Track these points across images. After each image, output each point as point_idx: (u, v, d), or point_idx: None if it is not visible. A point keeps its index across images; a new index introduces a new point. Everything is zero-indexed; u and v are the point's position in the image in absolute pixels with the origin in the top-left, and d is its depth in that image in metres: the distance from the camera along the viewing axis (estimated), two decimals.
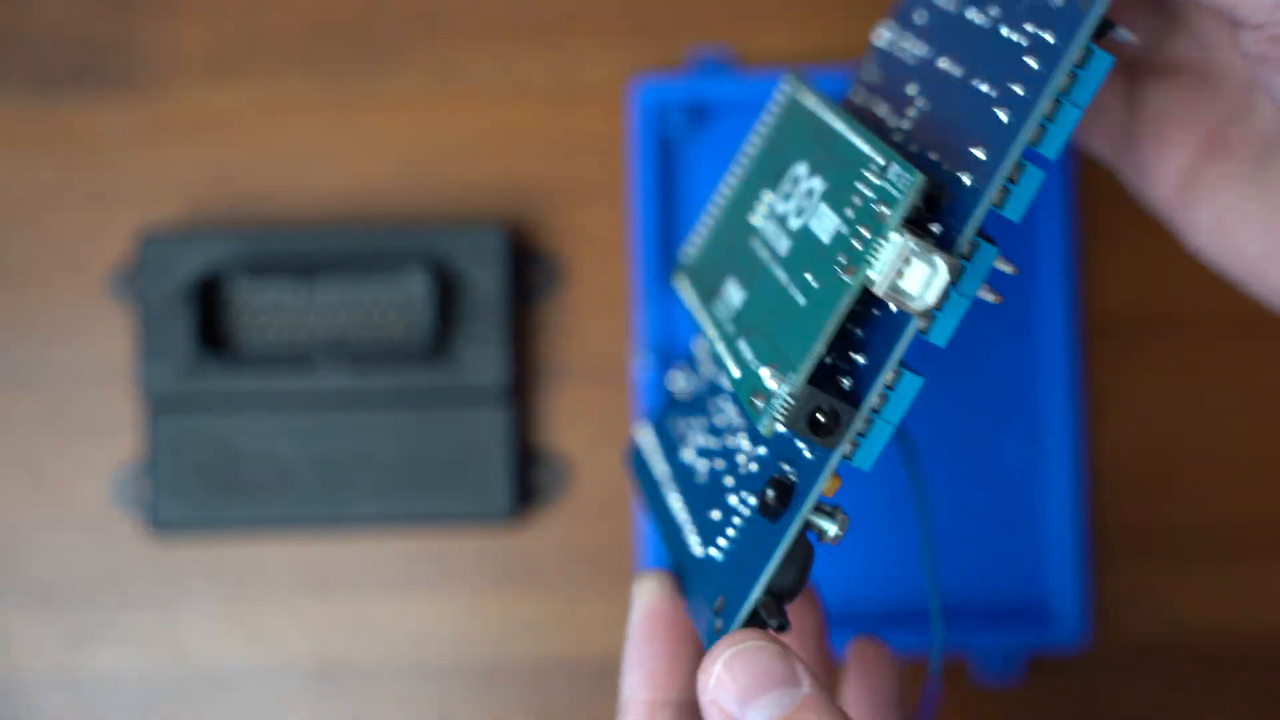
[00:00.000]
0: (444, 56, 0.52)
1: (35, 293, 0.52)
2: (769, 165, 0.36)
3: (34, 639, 0.51)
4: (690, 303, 0.37)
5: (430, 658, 0.51)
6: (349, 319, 0.50)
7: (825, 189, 0.32)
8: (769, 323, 0.32)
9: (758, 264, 0.33)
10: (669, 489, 0.38)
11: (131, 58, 0.52)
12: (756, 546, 0.32)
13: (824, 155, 0.33)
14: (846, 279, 0.30)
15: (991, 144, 0.30)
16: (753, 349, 0.32)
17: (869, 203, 0.31)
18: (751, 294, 0.33)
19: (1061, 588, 0.50)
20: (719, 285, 0.35)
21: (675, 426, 0.40)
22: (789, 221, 0.33)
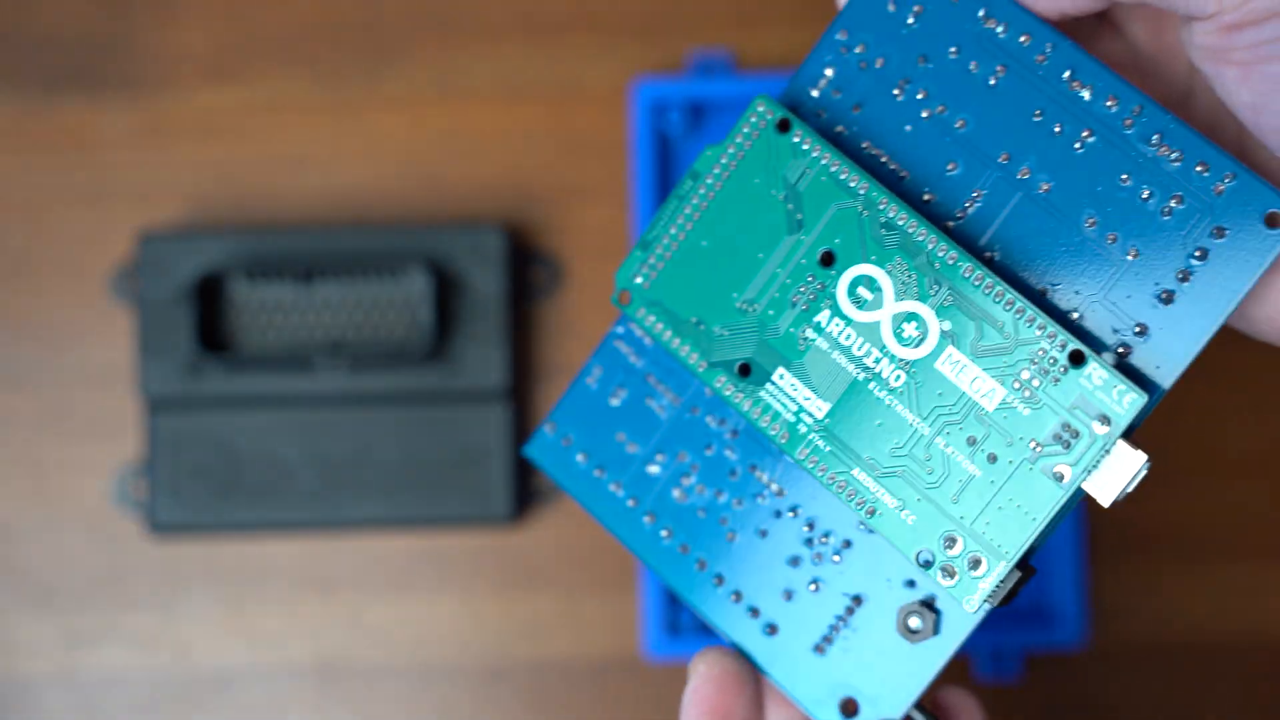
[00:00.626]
0: (445, 57, 0.52)
1: (35, 293, 0.52)
2: (789, 228, 0.33)
3: (35, 639, 0.51)
4: (683, 358, 0.33)
5: (430, 658, 0.51)
6: (349, 319, 0.50)
7: (965, 343, 0.31)
8: (916, 472, 0.31)
9: (836, 372, 0.32)
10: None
11: (131, 58, 0.52)
12: (882, 649, 0.33)
13: (952, 299, 0.31)
14: (1062, 485, 0.30)
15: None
16: (898, 498, 0.31)
17: (1062, 400, 0.30)
18: (845, 413, 0.32)
19: (1061, 588, 0.50)
20: (758, 367, 0.32)
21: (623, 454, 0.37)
22: (886, 344, 0.32)
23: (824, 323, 0.32)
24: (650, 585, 0.50)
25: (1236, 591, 0.51)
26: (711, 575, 0.35)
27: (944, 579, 0.31)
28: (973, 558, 0.31)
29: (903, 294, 0.32)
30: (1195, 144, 0.31)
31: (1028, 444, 0.31)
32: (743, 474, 0.35)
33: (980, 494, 0.31)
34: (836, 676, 0.34)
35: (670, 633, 0.50)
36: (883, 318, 0.32)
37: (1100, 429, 0.30)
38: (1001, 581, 0.31)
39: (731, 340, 0.33)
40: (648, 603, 0.50)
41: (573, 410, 0.36)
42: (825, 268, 0.32)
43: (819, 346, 0.32)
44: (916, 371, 0.31)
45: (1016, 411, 0.31)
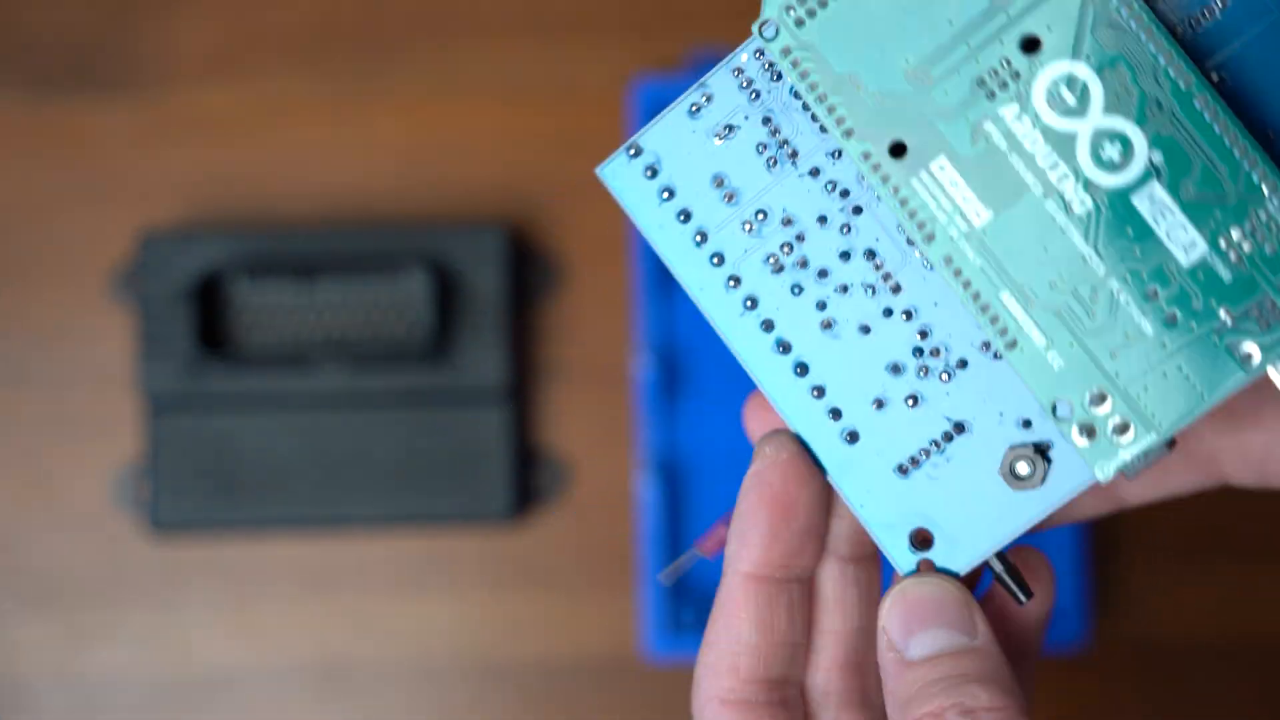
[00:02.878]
0: (444, 57, 0.52)
1: (35, 293, 0.52)
2: (997, 7, 0.28)
3: (35, 639, 0.51)
4: (817, 104, 0.29)
5: (430, 657, 0.51)
6: (349, 319, 0.50)
7: (1176, 184, 0.27)
8: (1074, 313, 0.27)
9: (1011, 180, 0.27)
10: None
11: (131, 58, 0.52)
12: (976, 488, 0.30)
13: (1172, 129, 0.27)
14: (1244, 370, 0.27)
15: None
16: (1047, 335, 0.28)
17: (1273, 272, 0.27)
18: (1009, 228, 0.28)
19: (1062, 588, 0.50)
20: (916, 148, 0.28)
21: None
22: (1079, 162, 0.27)
23: (1010, 118, 0.27)
24: (650, 584, 0.50)
25: (1236, 591, 0.51)
26: (794, 362, 0.30)
27: (1080, 437, 0.27)
28: (1120, 421, 0.27)
29: (1114, 108, 0.27)
30: None
31: (1218, 312, 0.27)
32: (857, 259, 0.30)
33: (1147, 355, 0.27)
34: (915, 504, 0.30)
35: (670, 633, 0.50)
36: (1082, 130, 0.27)
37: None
38: (1146, 454, 0.27)
39: (891, 111, 0.28)
40: (648, 603, 0.50)
41: (666, 138, 0.30)
42: (1027, 54, 0.27)
43: (996, 144, 0.27)
44: (1108, 201, 0.27)
45: (1215, 273, 0.27)
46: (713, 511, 0.51)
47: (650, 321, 0.51)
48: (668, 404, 0.51)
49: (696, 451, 0.51)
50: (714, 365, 0.51)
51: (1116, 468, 0.27)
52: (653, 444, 0.50)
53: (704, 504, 0.51)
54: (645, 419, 0.50)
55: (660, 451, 0.51)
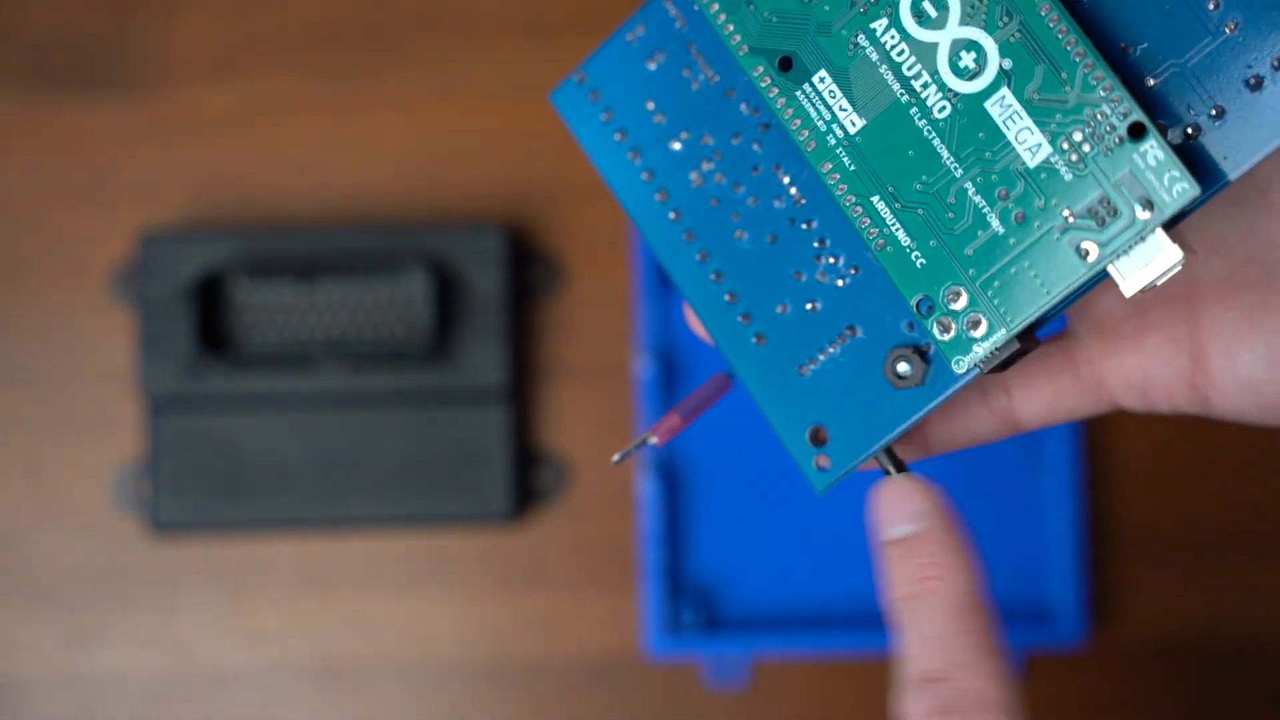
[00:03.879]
0: (444, 57, 0.52)
1: (35, 293, 0.52)
2: None
3: (35, 639, 0.51)
4: (724, 32, 0.31)
5: (431, 657, 0.51)
6: (349, 319, 0.50)
7: (1022, 89, 0.29)
8: (937, 214, 0.29)
9: (881, 89, 0.30)
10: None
11: (131, 58, 0.52)
12: (864, 386, 0.32)
13: (1019, 36, 0.29)
14: (1086, 262, 0.28)
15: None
16: (913, 237, 0.29)
17: (1110, 173, 0.28)
18: (879, 134, 0.30)
19: (1061, 588, 0.50)
20: (799, 64, 0.30)
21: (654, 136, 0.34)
22: (939, 69, 0.29)
23: (879, 31, 0.30)
24: (651, 585, 0.50)
25: (1236, 591, 0.51)
26: (710, 269, 0.33)
27: (939, 331, 0.29)
28: (973, 317, 0.29)
29: (968, 18, 0.29)
30: None
31: (1060, 211, 0.28)
32: (765, 171, 0.32)
33: (998, 252, 0.29)
34: (812, 402, 0.32)
35: (670, 632, 0.50)
36: (942, 40, 0.29)
37: (1142, 213, 0.28)
38: (997, 349, 0.29)
39: (778, 28, 0.30)
40: (648, 602, 0.50)
41: (607, 65, 0.33)
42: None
43: (868, 56, 0.30)
44: (963, 106, 0.29)
45: (1058, 174, 0.28)
46: (713, 511, 0.51)
47: (650, 321, 0.51)
48: (668, 404, 0.51)
49: (696, 451, 0.51)
50: (713, 365, 0.51)
51: (971, 361, 0.29)
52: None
53: (704, 504, 0.51)
54: (645, 419, 0.50)
55: (660, 451, 0.51)
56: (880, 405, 0.31)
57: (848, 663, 0.51)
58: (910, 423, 0.31)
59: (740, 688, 0.51)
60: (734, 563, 0.51)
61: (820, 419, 0.32)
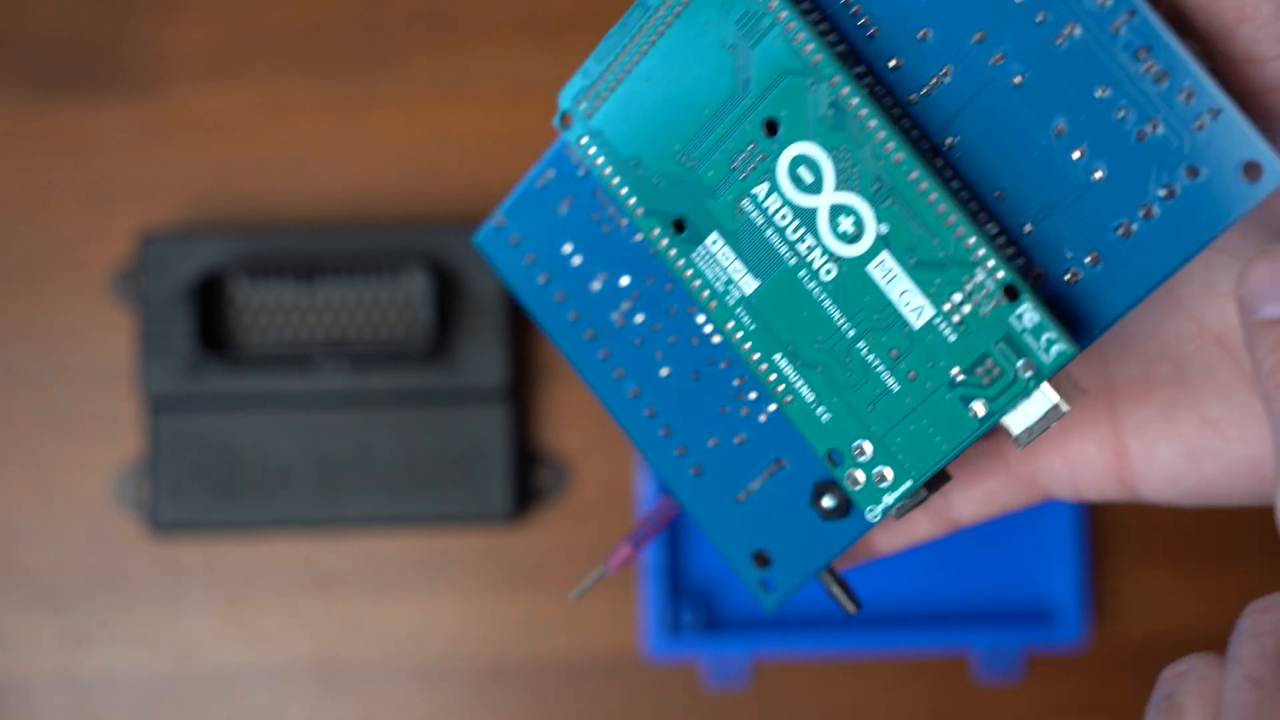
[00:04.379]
0: (444, 57, 0.52)
1: (35, 293, 0.52)
2: (735, 85, 0.30)
3: (34, 639, 0.51)
4: (618, 196, 0.31)
5: (430, 657, 0.51)
6: (349, 319, 0.50)
7: (900, 253, 0.29)
8: (836, 371, 0.30)
9: (769, 252, 0.30)
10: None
11: (131, 58, 0.52)
12: (796, 516, 0.33)
13: (892, 202, 0.29)
14: (976, 416, 0.29)
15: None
16: (816, 393, 0.30)
17: (990, 333, 0.28)
18: (774, 295, 0.30)
19: (1062, 588, 0.50)
20: (691, 225, 0.31)
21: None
22: (821, 234, 0.29)
23: (761, 196, 0.30)
24: (651, 585, 0.50)
25: (1236, 593, 0.51)
26: (644, 405, 0.33)
27: (850, 483, 0.30)
28: (879, 472, 0.30)
29: (843, 184, 0.29)
30: (1184, 67, 0.27)
31: (949, 370, 0.29)
32: (679, 312, 0.33)
33: (896, 409, 0.30)
34: (752, 528, 0.33)
35: (670, 633, 0.50)
36: (820, 205, 0.29)
37: (1024, 372, 0.28)
38: (905, 499, 0.30)
39: (668, 192, 0.31)
40: (648, 602, 0.50)
41: (523, 210, 0.34)
42: (769, 137, 0.30)
43: (754, 220, 0.30)
44: (847, 270, 0.29)
45: (942, 334, 0.29)
46: None
47: None
48: None
49: None
50: None
51: (883, 510, 0.30)
52: None
53: None
54: None
55: None
56: (813, 533, 0.32)
57: (848, 663, 0.51)
58: (842, 549, 0.32)
59: (740, 688, 0.51)
60: None
61: (760, 544, 0.33)
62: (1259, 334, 0.28)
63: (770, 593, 0.33)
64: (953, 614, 0.51)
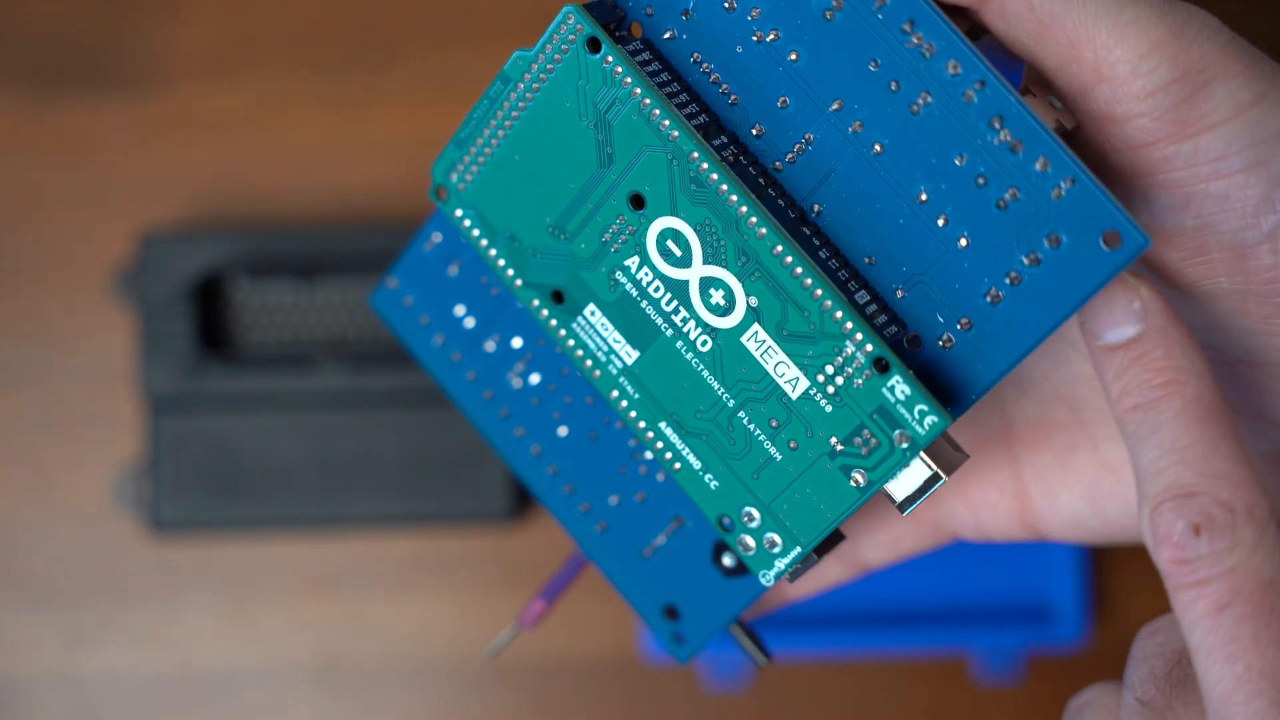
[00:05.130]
0: (444, 56, 0.52)
1: (35, 293, 0.52)
2: (600, 159, 0.30)
3: (34, 639, 0.51)
4: (497, 268, 0.31)
5: (430, 657, 0.51)
6: (349, 319, 0.50)
7: (771, 325, 0.29)
8: (721, 440, 0.30)
9: (646, 324, 0.30)
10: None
11: (131, 58, 0.52)
12: (699, 572, 0.33)
13: (759, 275, 0.29)
14: (858, 485, 0.29)
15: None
16: (701, 460, 0.30)
17: (864, 405, 0.28)
18: (653, 365, 0.30)
19: (1062, 588, 0.50)
20: (570, 297, 0.30)
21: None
22: (693, 304, 0.29)
23: (633, 268, 0.30)
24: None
25: None
26: (546, 463, 0.33)
27: (742, 549, 0.30)
28: (769, 538, 0.30)
29: (710, 257, 0.29)
30: (1037, 136, 0.27)
31: (828, 440, 0.29)
32: (572, 374, 0.33)
33: (780, 477, 0.30)
34: (658, 583, 0.33)
35: None
36: (691, 278, 0.29)
37: (900, 442, 0.28)
38: (797, 564, 0.30)
39: (544, 264, 0.30)
40: None
41: (413, 271, 0.34)
42: (636, 210, 0.29)
43: (628, 292, 0.30)
44: (722, 341, 0.29)
45: (819, 405, 0.29)
46: None
47: None
48: None
49: None
50: None
51: (775, 575, 0.30)
52: None
53: None
54: None
55: None
56: (717, 589, 0.33)
57: (848, 663, 0.51)
58: (746, 605, 0.33)
59: (739, 688, 0.51)
60: None
61: (668, 598, 0.33)
62: (1105, 360, 0.28)
63: (682, 645, 0.33)
64: (953, 614, 0.51)
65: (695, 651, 0.33)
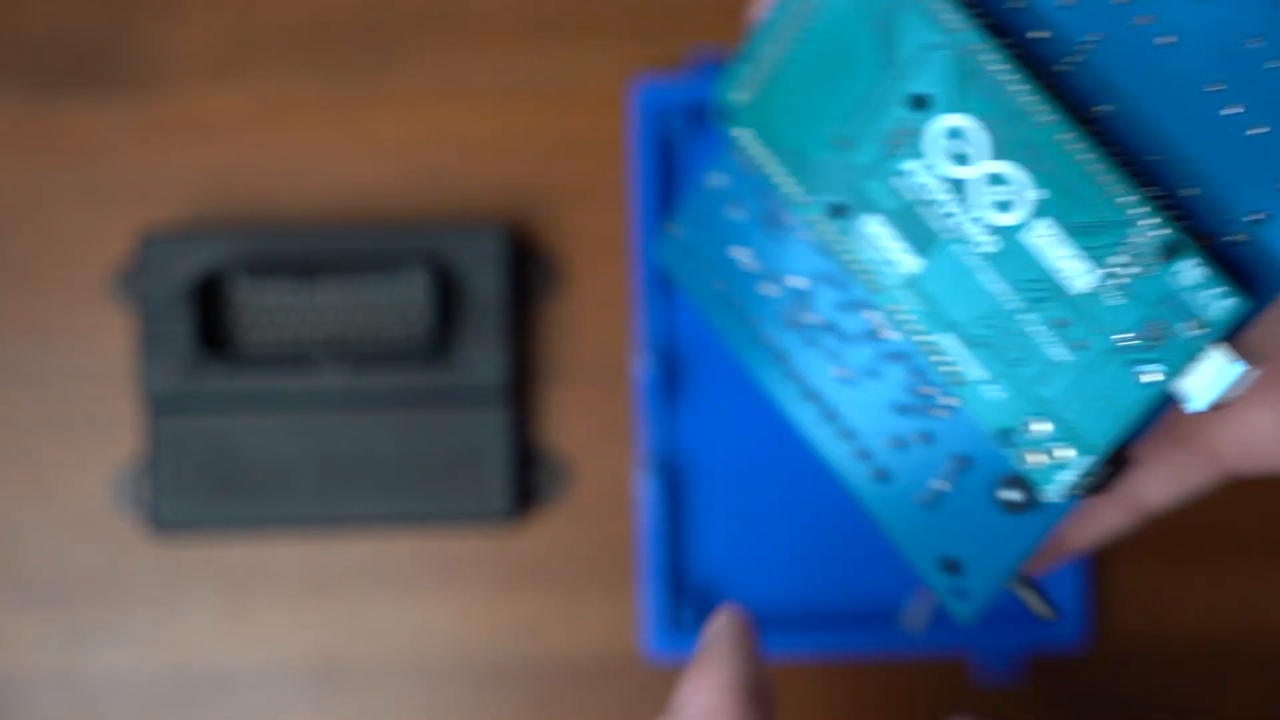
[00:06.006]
0: (444, 56, 0.52)
1: (35, 293, 0.52)
2: (882, 64, 0.29)
3: (34, 639, 0.51)
4: (785, 187, 0.31)
5: (430, 658, 0.51)
6: (349, 319, 0.50)
7: (1059, 217, 0.28)
8: (1004, 346, 0.29)
9: (925, 230, 0.29)
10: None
11: (131, 58, 0.52)
12: (983, 516, 0.32)
13: (1047, 166, 0.28)
14: (1150, 381, 0.28)
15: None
16: (986, 367, 0.29)
17: (1155, 294, 0.27)
18: (935, 273, 0.29)
19: (1061, 588, 0.50)
20: (849, 209, 0.30)
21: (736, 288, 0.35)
22: (977, 205, 0.29)
23: (914, 171, 0.29)
24: (651, 584, 0.50)
25: (1236, 591, 0.51)
26: (823, 409, 0.32)
27: (1029, 461, 0.29)
28: (1059, 445, 0.29)
29: (997, 152, 0.28)
30: None
31: (1117, 335, 0.28)
32: (852, 311, 0.32)
33: (1067, 379, 0.28)
34: (939, 533, 0.32)
35: (670, 633, 0.50)
36: (974, 175, 0.29)
37: (1193, 330, 0.27)
38: (1087, 475, 0.29)
39: (825, 176, 0.30)
40: (648, 602, 0.50)
41: (694, 215, 0.33)
42: (917, 110, 0.29)
43: (907, 197, 0.29)
44: (1005, 239, 0.29)
45: (1106, 299, 0.28)
46: (713, 511, 0.51)
47: (650, 321, 0.51)
48: (667, 404, 0.51)
49: (696, 451, 0.51)
50: (714, 365, 0.51)
51: (1065, 487, 0.29)
52: (653, 444, 0.50)
53: (704, 504, 0.51)
54: (645, 419, 0.50)
55: (660, 451, 0.51)
56: (999, 531, 0.31)
57: (846, 663, 0.51)
58: (1033, 544, 0.31)
59: None
60: (734, 562, 0.51)
61: (948, 550, 0.32)
62: None
63: (965, 600, 0.32)
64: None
65: (978, 607, 0.32)
